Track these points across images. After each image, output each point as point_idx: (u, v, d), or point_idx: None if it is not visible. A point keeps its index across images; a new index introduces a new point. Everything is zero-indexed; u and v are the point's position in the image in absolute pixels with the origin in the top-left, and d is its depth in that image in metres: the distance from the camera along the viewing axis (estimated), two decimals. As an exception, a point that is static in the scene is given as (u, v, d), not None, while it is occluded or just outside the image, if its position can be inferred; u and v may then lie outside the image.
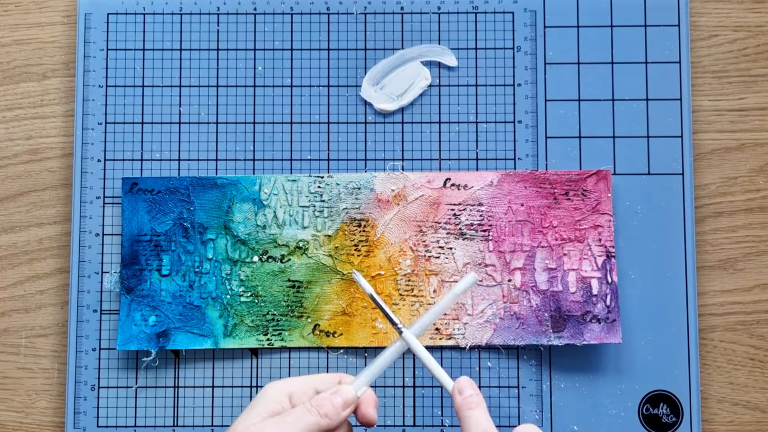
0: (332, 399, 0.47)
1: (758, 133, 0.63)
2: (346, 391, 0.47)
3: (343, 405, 0.47)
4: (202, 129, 0.62)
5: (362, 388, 0.48)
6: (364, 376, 0.49)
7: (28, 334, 0.62)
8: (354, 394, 0.47)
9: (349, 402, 0.47)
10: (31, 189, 0.63)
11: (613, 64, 0.62)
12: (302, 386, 0.48)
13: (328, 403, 0.46)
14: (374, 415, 0.48)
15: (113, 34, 0.62)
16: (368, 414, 0.48)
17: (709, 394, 0.61)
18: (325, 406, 0.46)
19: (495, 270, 0.59)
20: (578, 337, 0.58)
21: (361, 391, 0.48)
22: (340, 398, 0.47)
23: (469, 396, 0.47)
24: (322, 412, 0.46)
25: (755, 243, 0.62)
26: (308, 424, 0.45)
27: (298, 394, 0.47)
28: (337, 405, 0.46)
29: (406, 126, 0.62)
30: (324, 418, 0.45)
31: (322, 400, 0.46)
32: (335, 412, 0.46)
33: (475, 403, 0.47)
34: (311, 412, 0.45)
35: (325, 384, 0.48)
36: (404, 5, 0.63)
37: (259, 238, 0.60)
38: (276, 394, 0.47)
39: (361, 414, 0.48)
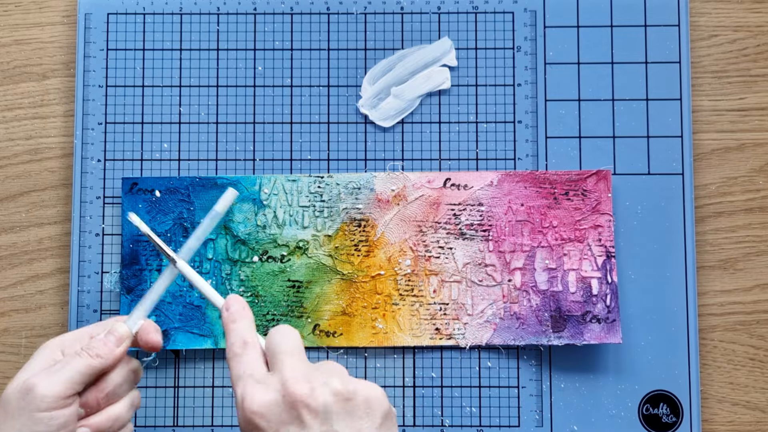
0: (104, 339, 0.46)
1: (758, 133, 0.63)
2: (118, 328, 0.47)
3: (116, 342, 0.46)
4: (202, 129, 0.62)
5: (138, 322, 0.48)
6: (138, 311, 0.48)
7: (28, 334, 0.62)
8: (127, 329, 0.47)
9: (123, 338, 0.47)
10: (31, 189, 0.63)
11: (613, 64, 0.62)
12: (75, 337, 0.47)
13: (99, 344, 0.46)
14: (158, 339, 0.48)
15: (113, 34, 0.62)
16: (151, 339, 0.48)
17: (709, 394, 0.61)
18: (96, 347, 0.45)
19: (495, 270, 0.59)
20: (578, 337, 0.58)
21: (136, 326, 0.48)
22: (113, 336, 0.46)
23: (235, 311, 0.46)
24: (93, 354, 0.45)
25: (755, 243, 0.62)
26: (79, 368, 0.44)
27: (71, 345, 0.47)
28: (110, 342, 0.46)
29: (406, 126, 0.62)
30: (96, 359, 0.45)
31: (95, 342, 0.46)
32: (108, 350, 0.45)
33: (240, 316, 0.46)
34: (81, 355, 0.45)
35: (98, 329, 0.48)
36: (404, 5, 0.63)
37: (259, 238, 0.60)
38: (48, 351, 0.46)
39: (144, 341, 0.48)
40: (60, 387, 0.43)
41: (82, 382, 0.44)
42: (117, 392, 0.46)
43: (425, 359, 0.60)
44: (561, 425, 0.59)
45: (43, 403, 0.43)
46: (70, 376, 0.44)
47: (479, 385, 0.60)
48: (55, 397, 0.43)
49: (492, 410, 0.60)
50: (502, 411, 0.60)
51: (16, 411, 0.42)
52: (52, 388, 0.43)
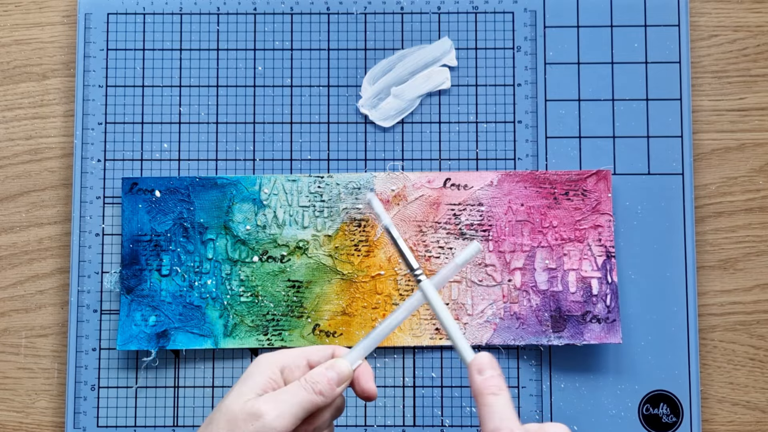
0: (327, 374, 0.45)
1: (758, 133, 0.63)
2: (340, 366, 0.46)
3: (337, 381, 0.45)
4: (202, 129, 0.62)
5: (357, 361, 0.46)
6: (359, 349, 0.46)
7: (28, 334, 0.62)
8: (349, 368, 0.46)
9: (344, 378, 0.45)
10: (31, 189, 0.63)
11: (613, 64, 0.62)
12: (295, 359, 0.46)
13: (323, 379, 0.45)
14: (374, 388, 0.46)
15: (113, 34, 0.62)
16: (368, 388, 0.46)
17: (709, 394, 0.61)
18: (320, 382, 0.45)
19: (495, 270, 0.59)
20: (578, 337, 0.58)
21: (355, 364, 0.46)
22: (335, 373, 0.45)
23: (490, 377, 0.43)
24: (317, 389, 0.44)
25: (755, 243, 0.62)
26: (303, 402, 0.44)
27: (291, 368, 0.46)
28: (332, 381, 0.45)
29: (406, 126, 0.62)
30: (319, 396, 0.44)
31: (317, 376, 0.45)
32: (330, 389, 0.45)
33: (498, 387, 0.42)
34: (306, 389, 0.44)
35: (317, 356, 0.47)
36: (404, 5, 0.63)
37: (259, 238, 0.60)
38: (268, 369, 0.45)
39: (360, 389, 0.46)
40: (287, 421, 0.43)
41: (303, 418, 0.44)
42: (322, 428, 0.46)
43: (425, 359, 0.60)
44: (561, 425, 0.59)
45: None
46: (296, 411, 0.43)
47: (479, 385, 0.60)
48: (282, 430, 0.43)
49: (492, 410, 0.59)
50: (502, 411, 0.59)
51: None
52: (281, 421, 0.43)
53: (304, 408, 0.44)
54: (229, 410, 0.43)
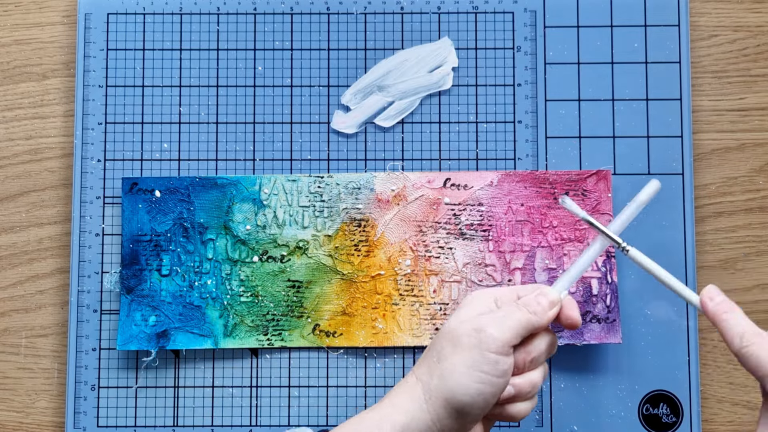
0: (538, 299, 0.48)
1: (758, 133, 0.63)
2: (550, 292, 0.48)
3: (548, 305, 0.48)
4: (202, 129, 0.62)
5: (564, 291, 0.49)
6: (564, 281, 0.49)
7: (28, 334, 0.62)
8: (557, 295, 0.48)
9: (554, 302, 0.48)
10: (31, 189, 0.63)
11: (613, 64, 0.62)
12: (506, 293, 0.49)
13: (535, 302, 0.47)
14: (579, 317, 0.49)
15: (113, 34, 0.62)
16: (572, 315, 0.49)
17: (709, 394, 0.61)
18: (532, 304, 0.47)
19: (495, 270, 0.59)
20: (578, 337, 0.58)
21: (563, 294, 0.49)
22: (545, 298, 0.48)
23: (722, 301, 0.46)
24: (531, 310, 0.47)
25: (755, 243, 0.62)
26: (520, 319, 0.46)
27: (503, 300, 0.48)
28: (543, 304, 0.48)
29: (406, 126, 0.62)
30: (533, 315, 0.47)
31: (529, 300, 0.48)
32: (542, 311, 0.47)
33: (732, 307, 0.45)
34: (521, 309, 0.47)
35: (526, 291, 0.49)
36: (404, 5, 0.63)
37: (259, 238, 0.60)
38: (483, 299, 0.48)
39: (566, 316, 0.49)
40: (508, 334, 0.45)
41: (522, 335, 0.46)
42: (538, 359, 0.48)
43: (425, 359, 0.60)
44: (561, 425, 0.59)
45: (494, 344, 0.45)
46: (514, 326, 0.46)
47: (479, 385, 0.60)
48: (503, 342, 0.45)
49: (492, 410, 0.59)
50: (502, 411, 0.60)
51: (468, 345, 0.45)
52: (502, 333, 0.45)
53: (521, 324, 0.46)
54: (450, 329, 0.46)
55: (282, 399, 0.60)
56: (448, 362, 0.45)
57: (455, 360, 0.45)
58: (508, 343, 0.45)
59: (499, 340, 0.45)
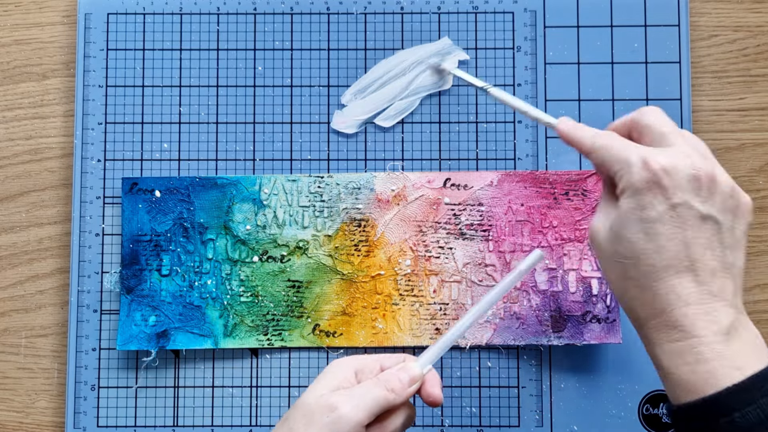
0: (399, 375, 0.47)
1: (758, 133, 0.63)
2: (412, 368, 0.47)
3: (409, 381, 0.47)
4: (202, 129, 0.62)
5: (427, 366, 0.48)
6: (429, 355, 0.48)
7: (28, 334, 0.62)
8: (420, 371, 0.48)
9: (416, 378, 0.47)
10: (31, 189, 0.63)
11: (613, 64, 0.62)
12: (369, 363, 0.48)
13: (395, 379, 0.46)
14: (440, 394, 0.48)
15: (113, 34, 0.62)
16: (433, 393, 0.48)
17: (709, 394, 0.61)
18: (391, 381, 0.46)
19: (495, 270, 0.59)
20: (578, 337, 0.58)
21: (426, 369, 0.48)
22: (407, 374, 0.47)
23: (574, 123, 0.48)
24: (389, 387, 0.46)
25: (755, 243, 0.62)
26: (376, 398, 0.45)
27: (365, 371, 0.48)
28: (404, 381, 0.47)
29: (406, 126, 0.62)
30: (391, 393, 0.46)
31: (389, 376, 0.47)
32: (402, 388, 0.46)
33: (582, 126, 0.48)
34: (378, 386, 0.46)
35: (390, 362, 0.48)
36: (404, 5, 0.63)
37: (259, 238, 0.60)
38: (343, 369, 0.47)
39: (426, 393, 0.48)
40: (362, 415, 0.44)
41: (376, 414, 0.45)
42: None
43: (425, 359, 0.60)
44: (561, 425, 0.59)
45: (346, 425, 0.44)
46: (369, 406, 0.45)
47: (479, 385, 0.60)
48: (356, 423, 0.44)
49: (492, 410, 0.60)
50: (502, 411, 0.60)
51: (320, 424, 0.44)
52: (356, 414, 0.44)
53: (377, 403, 0.45)
54: (304, 404, 0.45)
55: (282, 399, 0.60)
56: None
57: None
58: (361, 423, 0.44)
59: (352, 421, 0.44)
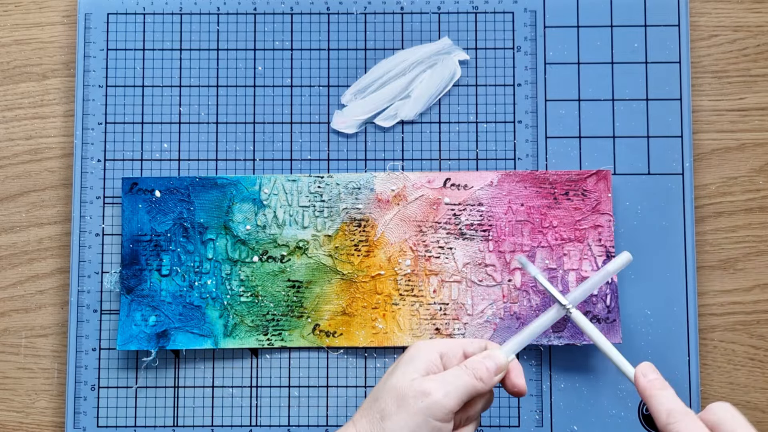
0: (486, 363, 0.47)
1: (758, 133, 0.63)
2: (498, 356, 0.48)
3: (496, 370, 0.47)
4: (202, 129, 0.62)
5: (511, 354, 0.48)
6: (513, 343, 0.48)
7: (28, 334, 0.62)
8: (505, 359, 0.48)
9: (502, 367, 0.48)
10: (31, 189, 0.63)
11: (613, 64, 0.62)
12: (452, 347, 0.48)
13: (482, 367, 0.47)
14: (524, 385, 0.49)
15: (113, 34, 0.62)
16: (518, 383, 0.48)
17: (709, 394, 0.61)
18: (479, 369, 0.47)
19: (495, 270, 0.59)
20: (578, 337, 0.58)
21: (510, 357, 0.48)
22: (493, 363, 0.47)
23: (656, 379, 0.46)
24: (477, 375, 0.46)
25: (755, 243, 0.62)
26: (466, 385, 0.46)
27: (449, 356, 0.48)
28: (491, 370, 0.47)
29: (406, 126, 0.62)
30: (479, 382, 0.46)
31: (477, 364, 0.47)
32: (489, 377, 0.47)
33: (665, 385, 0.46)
34: (468, 374, 0.46)
35: (473, 347, 0.49)
36: (404, 5, 0.63)
37: (259, 238, 0.60)
38: (429, 353, 0.48)
39: (512, 383, 0.48)
40: (454, 402, 0.45)
41: (465, 401, 0.46)
42: (473, 417, 0.48)
43: (425, 359, 0.60)
44: (561, 425, 0.59)
45: (440, 412, 0.45)
46: (460, 394, 0.46)
47: (479, 385, 0.60)
48: (449, 409, 0.45)
49: (492, 410, 0.60)
50: (502, 411, 0.60)
51: (414, 408, 0.45)
52: (447, 400, 0.45)
53: (467, 391, 0.46)
54: (396, 388, 0.46)
55: (282, 399, 0.60)
56: (391, 422, 0.45)
57: (399, 421, 0.45)
58: (453, 410, 0.45)
59: (445, 408, 0.45)
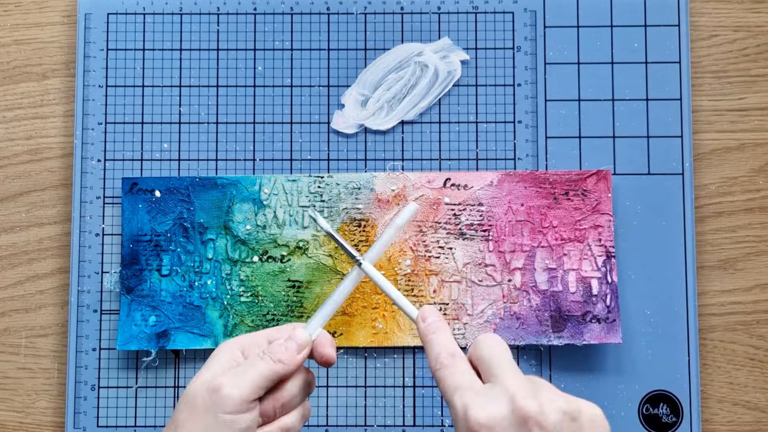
0: (285, 344, 0.45)
1: (758, 133, 0.63)
2: (299, 335, 0.46)
3: (297, 348, 0.45)
4: (202, 129, 0.62)
5: (317, 330, 0.47)
6: (317, 318, 0.47)
7: (28, 334, 0.62)
8: (307, 336, 0.46)
9: (303, 345, 0.46)
10: (31, 189, 0.63)
11: (613, 64, 0.62)
12: (255, 339, 0.47)
13: (281, 348, 0.45)
14: (332, 354, 0.47)
15: (113, 34, 0.62)
16: (326, 353, 0.47)
17: (709, 394, 0.61)
18: (278, 352, 0.45)
19: (495, 270, 0.59)
20: (578, 337, 0.58)
21: (315, 333, 0.47)
22: (294, 342, 0.46)
23: (432, 322, 0.45)
24: (275, 358, 0.45)
25: (755, 243, 0.62)
26: (263, 371, 0.44)
27: (251, 347, 0.46)
28: (291, 349, 0.45)
29: (406, 126, 0.62)
30: (278, 364, 0.44)
31: (276, 347, 0.45)
32: (290, 357, 0.45)
33: (439, 327, 0.44)
34: (264, 359, 0.44)
35: (279, 334, 0.47)
36: (404, 5, 0.63)
37: (259, 238, 0.60)
38: (228, 351, 0.46)
39: (319, 354, 0.47)
40: (246, 390, 0.43)
41: (265, 387, 0.44)
42: (291, 403, 0.46)
43: (425, 359, 0.60)
44: (561, 425, 0.59)
45: (229, 404, 0.42)
46: (255, 380, 0.43)
47: (479, 385, 0.60)
48: (240, 399, 0.43)
49: (492, 410, 0.59)
50: (502, 411, 0.59)
51: (203, 409, 0.43)
52: (238, 390, 0.43)
53: (264, 376, 0.44)
54: (188, 393, 0.44)
55: (282, 399, 0.60)
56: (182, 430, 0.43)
57: (190, 427, 0.42)
58: (247, 400, 0.43)
59: (235, 399, 0.42)
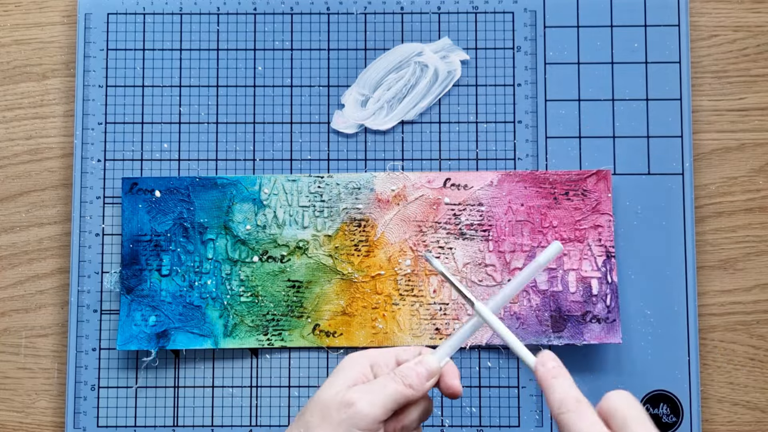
0: (416, 369, 0.46)
1: (758, 133, 0.63)
2: (429, 362, 0.47)
3: (427, 375, 0.46)
4: (202, 129, 0.62)
5: (444, 359, 0.47)
6: (446, 347, 0.47)
7: (28, 334, 0.62)
8: (437, 364, 0.47)
9: (433, 373, 0.46)
10: (31, 189, 0.63)
11: (613, 64, 0.62)
12: (384, 357, 0.47)
13: (413, 373, 0.46)
14: (459, 386, 0.47)
15: (113, 34, 0.62)
16: (453, 385, 0.47)
17: (709, 394, 0.61)
18: (409, 376, 0.45)
19: (495, 270, 0.59)
20: (578, 337, 0.58)
21: (443, 362, 0.47)
22: (424, 369, 0.46)
23: (553, 368, 0.44)
24: (407, 382, 0.45)
25: (755, 243, 0.62)
26: (394, 393, 0.45)
27: (380, 365, 0.47)
28: (422, 375, 0.46)
29: (406, 126, 0.62)
30: (408, 389, 0.45)
31: (407, 370, 0.46)
32: (420, 383, 0.46)
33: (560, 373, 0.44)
34: (396, 381, 0.45)
35: (406, 355, 0.48)
36: (404, 5, 0.63)
37: (259, 238, 0.60)
38: (358, 364, 0.46)
39: (446, 385, 0.47)
40: (379, 410, 0.44)
41: (393, 409, 0.45)
42: (410, 427, 0.46)
43: (425, 359, 0.60)
44: (561, 425, 0.59)
45: (362, 421, 0.43)
46: (387, 402, 0.44)
47: (479, 385, 0.60)
48: (373, 419, 0.43)
49: (492, 410, 0.60)
50: (502, 411, 0.60)
51: (336, 421, 0.43)
52: (372, 409, 0.43)
53: (394, 399, 0.45)
54: (321, 400, 0.45)
55: (282, 399, 0.60)
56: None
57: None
58: (378, 420, 0.44)
59: (369, 417, 0.43)
